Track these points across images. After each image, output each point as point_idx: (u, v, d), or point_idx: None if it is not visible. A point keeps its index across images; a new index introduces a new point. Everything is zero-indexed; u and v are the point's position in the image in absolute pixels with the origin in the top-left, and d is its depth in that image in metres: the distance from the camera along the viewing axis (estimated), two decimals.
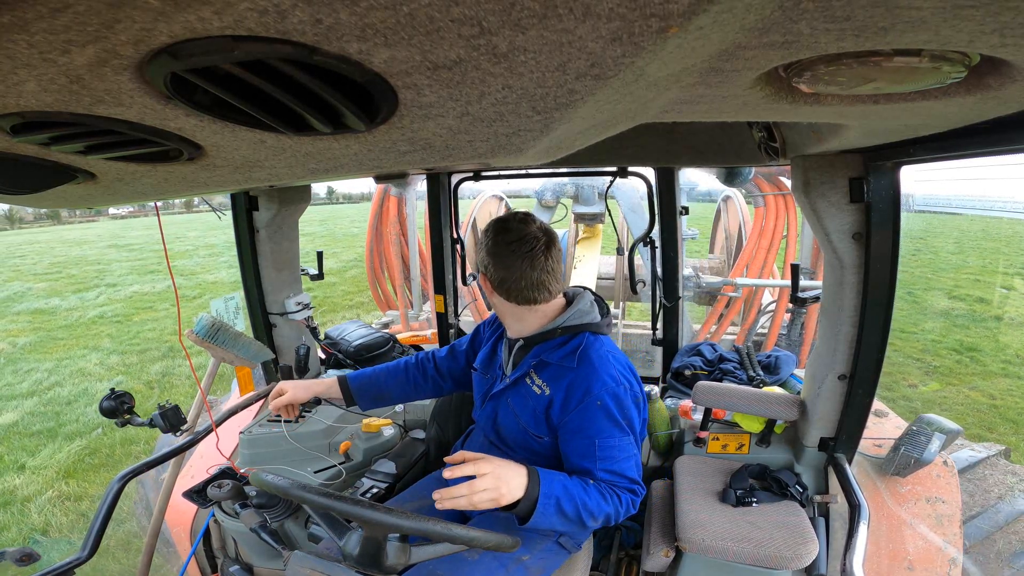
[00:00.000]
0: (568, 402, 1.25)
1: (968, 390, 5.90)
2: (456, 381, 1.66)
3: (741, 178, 3.08)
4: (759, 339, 5.01)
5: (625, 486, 1.23)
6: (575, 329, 1.31)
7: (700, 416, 1.88)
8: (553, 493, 1.13)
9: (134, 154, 0.58)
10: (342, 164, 0.73)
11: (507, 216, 1.31)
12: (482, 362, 1.52)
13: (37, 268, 16.56)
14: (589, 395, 1.22)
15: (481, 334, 1.61)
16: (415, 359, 1.68)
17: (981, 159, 0.93)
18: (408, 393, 1.67)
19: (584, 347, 1.29)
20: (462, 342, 1.65)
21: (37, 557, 1.29)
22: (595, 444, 1.22)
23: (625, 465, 1.23)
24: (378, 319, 5.82)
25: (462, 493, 1.07)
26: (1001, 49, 0.45)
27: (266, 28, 0.32)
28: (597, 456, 1.22)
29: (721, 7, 0.33)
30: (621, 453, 1.23)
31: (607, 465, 1.22)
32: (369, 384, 1.64)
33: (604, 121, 0.64)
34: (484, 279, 1.31)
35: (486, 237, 1.29)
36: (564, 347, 1.30)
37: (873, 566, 1.53)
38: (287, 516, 1.66)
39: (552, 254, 1.26)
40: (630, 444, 1.25)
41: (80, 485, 4.16)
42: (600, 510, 1.18)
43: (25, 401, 6.01)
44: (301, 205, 2.08)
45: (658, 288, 2.38)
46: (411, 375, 1.65)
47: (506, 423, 1.40)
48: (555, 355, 1.30)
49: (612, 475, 1.22)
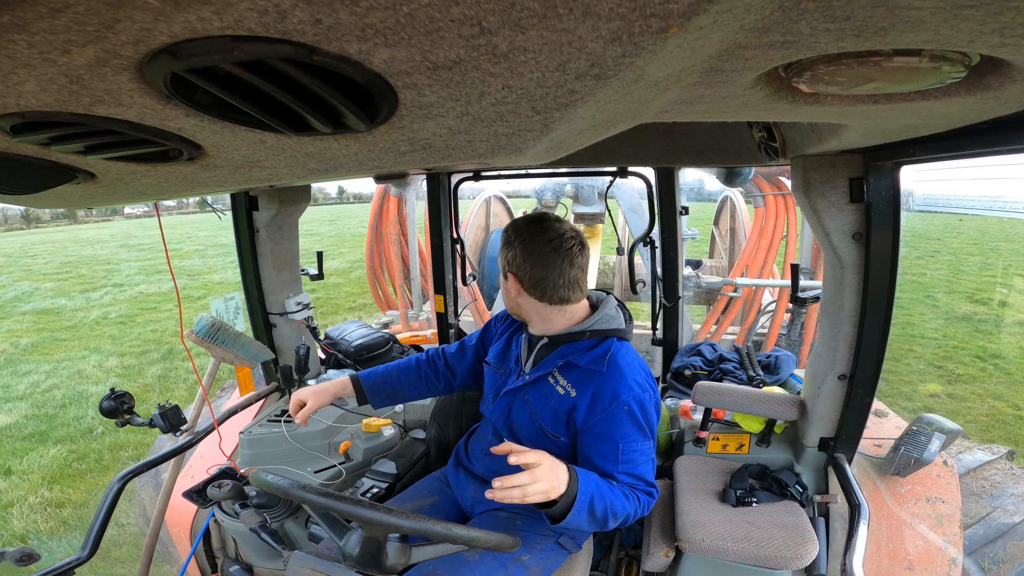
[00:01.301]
0: (594, 407, 1.25)
1: (993, 400, 5.74)
2: (465, 377, 1.65)
3: (741, 178, 3.08)
4: (759, 339, 5.00)
5: (643, 489, 1.25)
6: (604, 333, 1.32)
7: (700, 416, 1.88)
8: (589, 491, 1.13)
9: (134, 154, 0.58)
10: (342, 164, 0.73)
11: (540, 216, 1.31)
12: (496, 357, 1.51)
13: (48, 268, 16.54)
14: (617, 400, 1.23)
15: (492, 328, 1.60)
16: (426, 356, 1.67)
17: (997, 158, 0.94)
18: (421, 390, 1.66)
19: (613, 352, 1.29)
20: (472, 337, 1.64)
21: (37, 557, 1.29)
22: (619, 448, 1.22)
23: (644, 468, 1.25)
24: (379, 320, 5.82)
25: (522, 482, 1.02)
26: (1001, 49, 0.45)
27: (266, 28, 0.32)
28: (620, 460, 1.22)
29: (721, 7, 0.33)
30: (641, 457, 1.25)
31: (628, 468, 1.23)
32: (383, 382, 1.62)
33: (604, 121, 0.64)
34: (514, 279, 1.30)
35: (518, 236, 1.29)
36: (593, 351, 1.30)
37: (873, 566, 1.53)
38: (287, 516, 1.66)
39: (585, 253, 1.30)
40: (650, 448, 1.27)
41: (64, 491, 4.08)
42: (623, 510, 1.19)
43: (20, 403, 5.97)
44: (301, 205, 2.08)
45: (658, 288, 2.38)
46: (423, 372, 1.64)
47: (521, 420, 1.39)
48: (584, 358, 1.29)
49: (632, 478, 1.23)
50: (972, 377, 6.40)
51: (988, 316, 8.92)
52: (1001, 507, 1.91)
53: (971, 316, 8.88)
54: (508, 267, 1.32)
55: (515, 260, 1.29)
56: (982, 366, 6.73)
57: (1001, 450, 2.18)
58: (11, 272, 15.88)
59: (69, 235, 29.17)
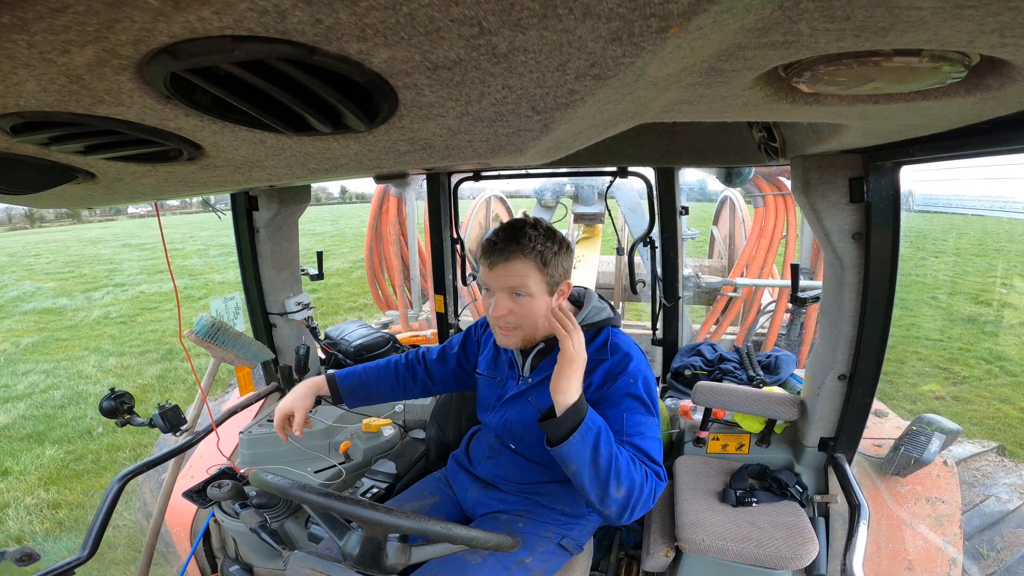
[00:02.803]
0: (605, 382, 1.26)
1: (999, 403, 5.67)
2: (446, 384, 1.64)
3: (741, 178, 3.08)
4: (759, 339, 5.00)
5: (649, 465, 1.17)
6: (598, 325, 1.35)
7: (700, 416, 1.88)
8: (597, 425, 1.10)
9: (134, 154, 0.58)
10: (342, 164, 0.73)
11: (512, 222, 1.29)
12: (487, 367, 1.50)
13: (50, 267, 16.54)
14: (625, 373, 1.24)
15: (472, 336, 1.59)
16: (405, 359, 1.64)
17: (997, 158, 0.94)
18: (397, 394, 1.64)
19: (612, 338, 1.33)
20: (453, 344, 1.62)
21: (37, 557, 1.29)
22: (623, 418, 1.20)
23: (650, 444, 1.20)
24: (379, 320, 5.82)
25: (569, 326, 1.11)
26: (1001, 49, 0.45)
27: (266, 28, 0.32)
28: (625, 429, 1.19)
29: (721, 7, 0.33)
30: (648, 431, 1.21)
31: (633, 439, 1.18)
32: (358, 384, 1.60)
33: (604, 121, 0.64)
34: (568, 287, 1.31)
35: (564, 244, 1.29)
36: (593, 343, 1.33)
37: (873, 566, 1.53)
38: (287, 516, 1.66)
39: (571, 251, 1.31)
40: (655, 426, 1.24)
41: (61, 492, 4.06)
42: (628, 475, 1.10)
43: (18, 403, 5.96)
44: (301, 205, 2.08)
45: (658, 288, 2.38)
46: (400, 376, 1.62)
47: (526, 422, 1.37)
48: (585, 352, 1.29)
49: (636, 450, 1.18)
50: (977, 379, 6.34)
51: (993, 318, 8.84)
52: (995, 495, 1.92)
53: (975, 318, 8.82)
54: (564, 276, 1.29)
55: (568, 269, 1.29)
56: (987, 368, 6.67)
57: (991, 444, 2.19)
58: (14, 271, 15.89)
59: (72, 234, 29.17)
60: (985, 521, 1.83)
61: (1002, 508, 1.86)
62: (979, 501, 1.89)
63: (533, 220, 1.29)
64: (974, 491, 1.94)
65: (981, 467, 2.04)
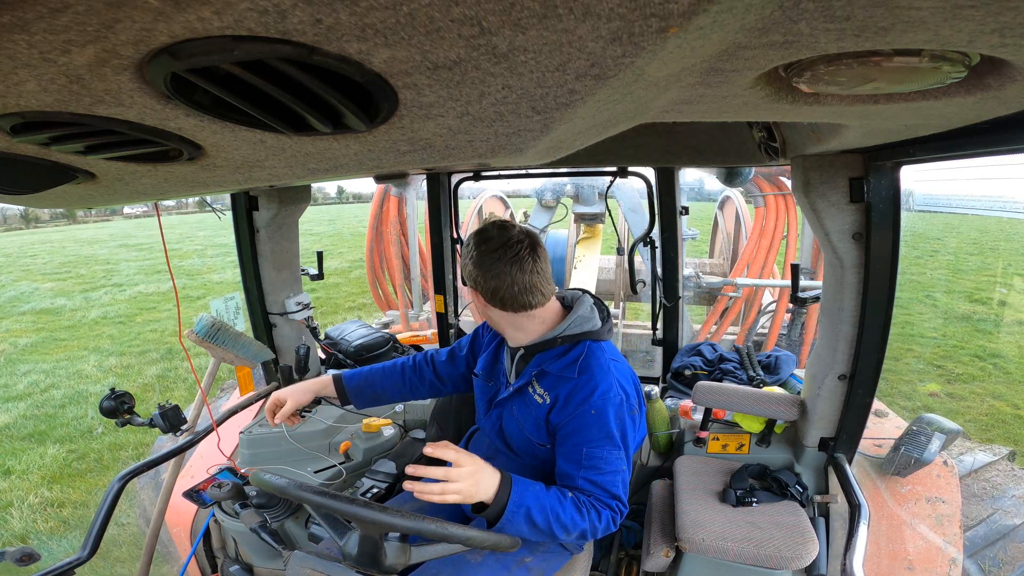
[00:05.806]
0: (567, 407, 1.24)
1: (992, 399, 5.72)
2: (455, 385, 1.64)
3: (741, 178, 3.08)
4: (759, 339, 5.01)
5: (605, 500, 1.19)
6: (576, 338, 1.29)
7: (700, 416, 1.89)
8: (524, 503, 1.12)
9: (134, 154, 0.58)
10: (342, 164, 0.73)
11: (485, 226, 1.27)
12: (484, 369, 1.50)
13: (47, 268, 16.54)
14: (586, 403, 1.21)
15: (480, 338, 1.59)
16: (412, 361, 1.65)
17: (997, 158, 0.93)
18: (404, 395, 1.66)
19: (586, 356, 1.27)
20: (462, 346, 1.63)
21: (37, 557, 1.29)
22: (582, 451, 1.20)
23: (610, 479, 1.20)
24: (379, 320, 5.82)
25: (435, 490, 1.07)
26: (1001, 49, 0.45)
27: (266, 28, 0.32)
28: (583, 464, 1.20)
29: (721, 7, 0.33)
30: (607, 466, 1.20)
31: (590, 475, 1.19)
32: (365, 385, 1.62)
33: (604, 121, 0.64)
34: (475, 294, 1.28)
35: (468, 251, 1.26)
36: (565, 357, 1.28)
37: (873, 566, 1.53)
38: (287, 516, 1.66)
39: (538, 254, 1.23)
40: (619, 459, 1.22)
41: (64, 491, 4.08)
42: (575, 525, 1.15)
43: (19, 403, 5.96)
44: (301, 205, 2.08)
45: (658, 288, 2.38)
46: (408, 378, 1.63)
47: (511, 430, 1.40)
48: (556, 365, 1.28)
49: (593, 486, 1.19)
50: (972, 376, 6.40)
51: (987, 316, 8.90)
52: (1002, 508, 1.91)
53: (970, 316, 8.88)
54: (469, 283, 1.29)
55: (472, 275, 1.25)
56: (981, 365, 6.74)
57: (1002, 451, 2.18)
58: (10, 272, 15.88)
59: (68, 235, 29.17)
60: (990, 536, 1.83)
61: (1009, 523, 1.85)
62: (986, 515, 1.88)
63: (492, 222, 1.28)
64: (982, 504, 1.92)
65: (991, 478, 2.03)
